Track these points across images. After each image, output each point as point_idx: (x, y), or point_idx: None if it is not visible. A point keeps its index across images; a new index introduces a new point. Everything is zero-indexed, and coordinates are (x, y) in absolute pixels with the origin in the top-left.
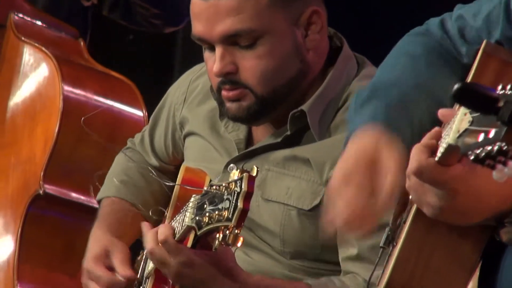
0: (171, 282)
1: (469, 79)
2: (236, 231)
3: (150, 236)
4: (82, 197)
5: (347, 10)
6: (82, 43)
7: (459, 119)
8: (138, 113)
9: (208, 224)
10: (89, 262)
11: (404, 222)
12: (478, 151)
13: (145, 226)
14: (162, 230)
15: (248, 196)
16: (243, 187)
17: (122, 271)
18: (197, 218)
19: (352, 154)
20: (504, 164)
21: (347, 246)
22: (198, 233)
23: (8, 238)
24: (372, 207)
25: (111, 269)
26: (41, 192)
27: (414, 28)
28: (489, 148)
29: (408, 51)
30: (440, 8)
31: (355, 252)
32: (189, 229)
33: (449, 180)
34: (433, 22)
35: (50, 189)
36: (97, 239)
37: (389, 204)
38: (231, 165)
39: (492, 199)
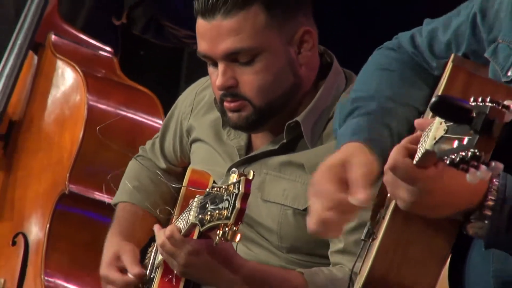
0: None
1: (440, 90)
2: (234, 228)
3: (160, 233)
4: (104, 197)
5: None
6: (115, 61)
7: (435, 127)
8: (159, 121)
9: (209, 221)
10: (104, 269)
11: (383, 218)
12: (453, 156)
13: (156, 226)
14: (169, 228)
15: (245, 197)
16: (240, 189)
17: (132, 269)
18: (200, 216)
19: (329, 164)
20: (477, 168)
21: (335, 241)
22: (201, 229)
23: (39, 231)
24: (342, 217)
25: (123, 270)
26: (66, 191)
27: (385, 42)
28: (463, 153)
29: (382, 65)
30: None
31: (341, 246)
32: (193, 225)
33: (419, 179)
34: (403, 38)
35: (75, 188)
36: (109, 245)
37: (365, 190)
38: (233, 169)
39: (461, 199)
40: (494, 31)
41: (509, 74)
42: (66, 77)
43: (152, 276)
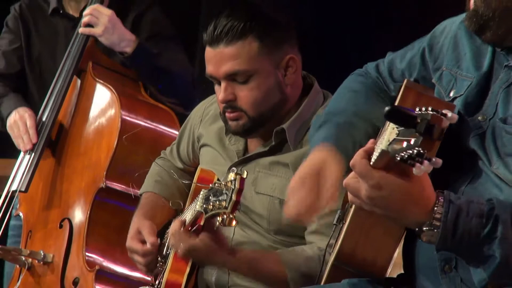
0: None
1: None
2: (231, 216)
3: (172, 225)
4: (133, 191)
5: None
6: (140, 84)
7: (389, 132)
8: (175, 132)
9: (212, 210)
10: (128, 241)
11: (351, 207)
12: (402, 154)
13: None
14: (174, 223)
15: (239, 191)
16: (236, 185)
17: (148, 239)
18: (204, 206)
19: (306, 165)
20: (421, 163)
21: (309, 225)
22: (205, 216)
23: (81, 217)
24: (316, 205)
25: (144, 242)
26: (103, 186)
27: (356, 69)
28: (410, 152)
29: (351, 87)
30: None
31: (314, 228)
32: (199, 213)
33: (372, 177)
34: (370, 66)
35: (110, 184)
36: (133, 223)
37: (330, 202)
38: (233, 168)
39: (410, 208)
40: (439, 62)
41: (451, 95)
42: (104, 96)
43: (168, 252)
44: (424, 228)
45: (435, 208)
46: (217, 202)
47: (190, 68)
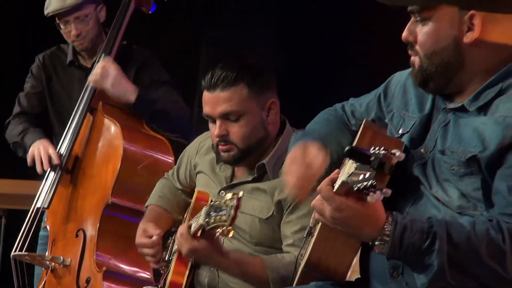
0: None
1: (355, 142)
2: (229, 228)
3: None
4: (135, 206)
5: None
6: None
7: (349, 165)
8: (170, 158)
9: (213, 223)
10: (137, 239)
11: (318, 223)
12: (359, 185)
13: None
14: (181, 227)
15: (237, 208)
16: (234, 203)
17: (154, 232)
18: (206, 219)
19: (294, 150)
20: (374, 193)
21: (286, 239)
22: (207, 228)
23: (93, 228)
24: (308, 176)
25: (150, 237)
26: (110, 202)
27: (328, 107)
28: (365, 183)
29: (325, 117)
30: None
31: (290, 242)
32: (201, 226)
33: (335, 200)
34: (338, 106)
35: (115, 200)
36: (139, 227)
37: (317, 175)
38: (222, 191)
39: (365, 224)
40: (391, 106)
41: (399, 132)
42: (110, 129)
43: (171, 258)
44: (376, 242)
45: (385, 226)
46: (218, 217)
47: (184, 107)
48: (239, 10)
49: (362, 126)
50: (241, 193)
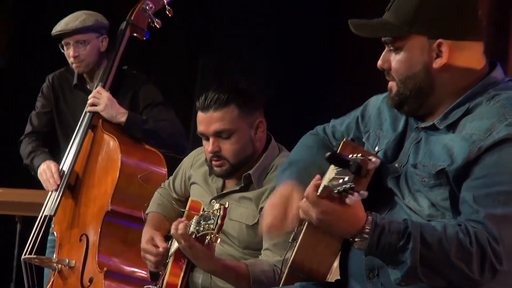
0: (185, 259)
1: None
2: (217, 235)
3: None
4: (131, 212)
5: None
6: None
7: (330, 171)
8: (163, 170)
9: (202, 231)
10: (144, 244)
11: (302, 228)
12: (339, 188)
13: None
14: (181, 224)
15: (223, 217)
16: (221, 213)
17: (161, 245)
18: (197, 227)
19: (277, 194)
20: (352, 194)
21: (265, 243)
22: (197, 235)
23: (95, 233)
24: (283, 224)
25: (156, 246)
26: (109, 209)
27: (309, 131)
28: (345, 186)
29: (306, 143)
30: None
31: (266, 246)
32: (192, 233)
33: (320, 204)
34: (319, 128)
35: (114, 207)
36: (146, 232)
37: (293, 222)
38: (213, 200)
39: (348, 224)
40: (368, 126)
41: (375, 149)
42: (109, 143)
43: (167, 261)
44: (356, 239)
45: (365, 225)
46: (206, 225)
47: (177, 124)
48: (232, 39)
49: (342, 143)
50: (227, 204)
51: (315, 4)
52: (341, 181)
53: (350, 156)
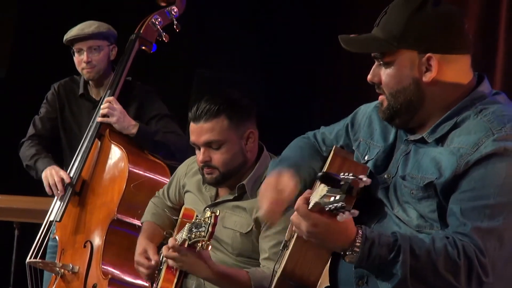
0: (175, 268)
1: (326, 166)
2: (207, 242)
3: (166, 246)
4: (136, 222)
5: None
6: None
7: (321, 188)
8: (167, 180)
9: (194, 238)
10: (137, 256)
11: (292, 237)
12: (330, 206)
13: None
14: (170, 242)
15: (214, 225)
16: (212, 220)
17: (153, 258)
18: (188, 235)
19: (269, 177)
20: (343, 213)
21: (263, 253)
22: (189, 242)
23: (99, 240)
24: (279, 202)
25: (148, 259)
26: (115, 218)
27: (301, 135)
28: (336, 204)
29: (298, 145)
30: None
31: (267, 255)
32: (184, 240)
33: (310, 217)
34: (310, 134)
35: (120, 216)
36: (140, 243)
37: (288, 200)
38: (207, 208)
39: (338, 238)
40: (358, 134)
41: (365, 158)
42: (116, 153)
43: (161, 267)
44: (348, 253)
45: (356, 239)
46: (198, 233)
47: (182, 136)
48: (226, 54)
49: (332, 152)
50: (218, 212)
51: (307, 19)
52: (332, 199)
53: (342, 174)
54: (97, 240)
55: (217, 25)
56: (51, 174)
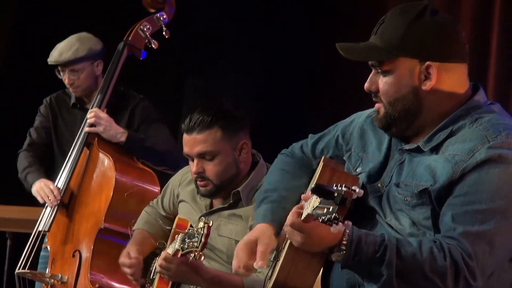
0: (169, 279)
1: (315, 178)
2: (200, 253)
3: (160, 257)
4: (124, 230)
5: None
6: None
7: (314, 200)
8: (156, 188)
9: (187, 248)
10: (121, 258)
11: (284, 248)
12: (323, 217)
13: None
14: (162, 254)
15: (207, 235)
16: (204, 231)
17: (133, 255)
18: (181, 245)
19: (249, 235)
20: (336, 224)
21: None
22: (182, 252)
23: (87, 250)
24: (250, 264)
25: (130, 258)
26: (102, 227)
27: (283, 150)
28: (329, 216)
29: (280, 167)
30: None
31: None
32: (177, 251)
33: (304, 229)
34: (296, 146)
35: (107, 225)
36: (126, 248)
37: (260, 261)
38: (202, 217)
39: (327, 241)
40: (349, 145)
41: (357, 170)
42: (104, 162)
43: (153, 277)
44: (334, 251)
45: (343, 237)
46: (191, 243)
47: (173, 142)
48: (218, 62)
49: (321, 163)
50: (211, 222)
51: (299, 27)
52: (325, 210)
53: (334, 186)
54: (86, 250)
55: (212, 26)
56: (41, 187)
